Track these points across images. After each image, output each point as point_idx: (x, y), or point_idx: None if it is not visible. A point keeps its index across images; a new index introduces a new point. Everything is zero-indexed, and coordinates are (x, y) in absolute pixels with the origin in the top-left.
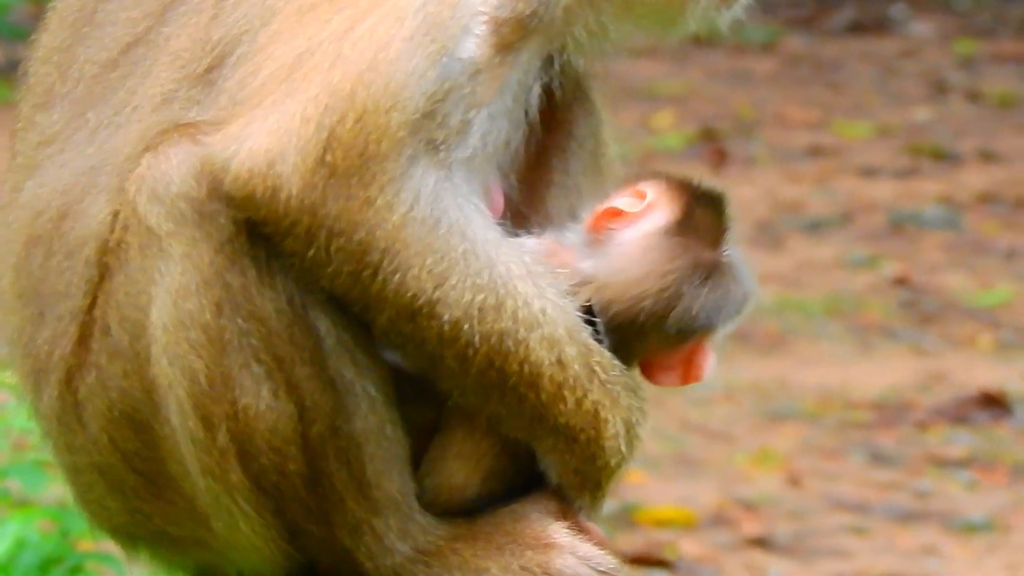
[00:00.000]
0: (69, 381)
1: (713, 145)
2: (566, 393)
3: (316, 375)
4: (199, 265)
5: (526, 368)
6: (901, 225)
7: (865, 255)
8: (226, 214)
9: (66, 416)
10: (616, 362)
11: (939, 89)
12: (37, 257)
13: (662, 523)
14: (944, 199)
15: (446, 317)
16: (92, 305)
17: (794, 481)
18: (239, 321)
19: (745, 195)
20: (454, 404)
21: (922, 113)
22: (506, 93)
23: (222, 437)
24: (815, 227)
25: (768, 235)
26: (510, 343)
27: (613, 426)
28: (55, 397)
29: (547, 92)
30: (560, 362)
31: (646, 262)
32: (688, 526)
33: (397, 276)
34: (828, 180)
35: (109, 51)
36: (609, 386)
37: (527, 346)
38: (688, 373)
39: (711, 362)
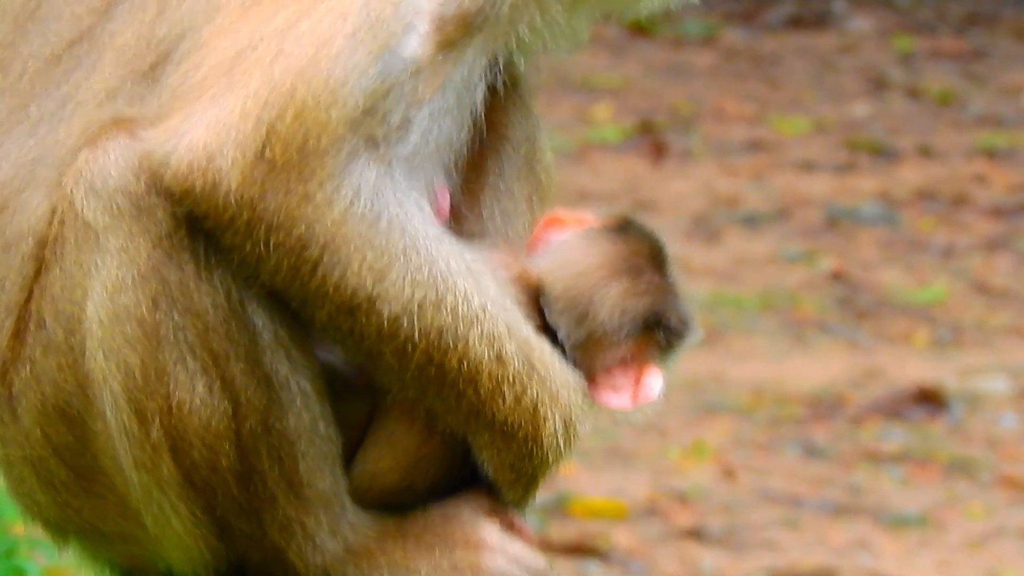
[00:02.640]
0: (3, 375)
1: (651, 138)
2: (505, 389)
3: (251, 371)
4: (136, 259)
5: (465, 364)
6: (837, 221)
7: (801, 250)
8: (164, 208)
9: None
10: (558, 357)
11: (878, 85)
12: None
13: (595, 514)
14: (881, 195)
15: (385, 313)
16: (28, 299)
17: (727, 474)
18: (175, 316)
19: (682, 189)
20: (391, 397)
21: (860, 109)
22: (449, 91)
23: (155, 432)
24: (751, 221)
25: (704, 229)
26: (449, 339)
27: (552, 423)
28: None
29: (490, 91)
30: (500, 358)
31: (585, 252)
32: (620, 517)
33: (336, 272)
34: (765, 175)
35: (53, 46)
36: (549, 383)
37: (466, 342)
38: (638, 392)
39: (660, 382)
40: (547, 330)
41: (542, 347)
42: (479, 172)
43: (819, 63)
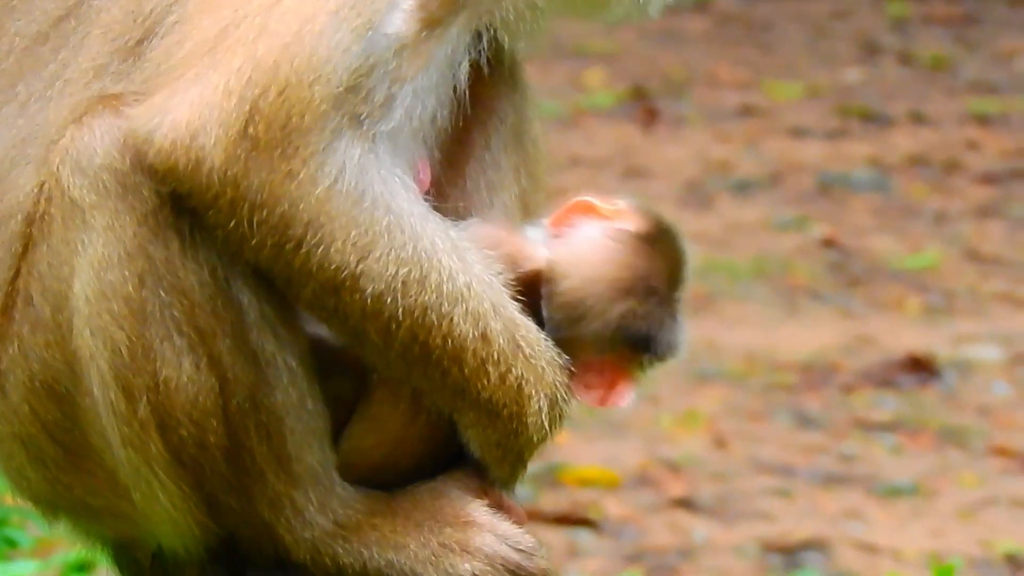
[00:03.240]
0: None
1: (643, 104)
2: (489, 368)
3: (237, 348)
4: (122, 237)
5: (449, 342)
6: (829, 187)
7: (793, 216)
8: (149, 187)
9: None
10: (543, 337)
11: (870, 51)
12: None
13: (586, 483)
14: (873, 161)
15: (369, 291)
16: (15, 276)
17: (719, 443)
18: (161, 293)
19: (674, 155)
20: (377, 375)
21: (853, 74)
22: (433, 69)
23: (143, 409)
24: (743, 188)
25: (696, 195)
26: (433, 317)
27: (536, 402)
28: None
29: (474, 67)
30: (484, 336)
31: (607, 258)
32: (612, 486)
33: (320, 249)
34: (757, 141)
35: (39, 24)
36: (534, 361)
37: (451, 320)
38: (608, 396)
39: (631, 393)
40: (533, 312)
41: (527, 326)
42: (464, 145)
43: (812, 29)
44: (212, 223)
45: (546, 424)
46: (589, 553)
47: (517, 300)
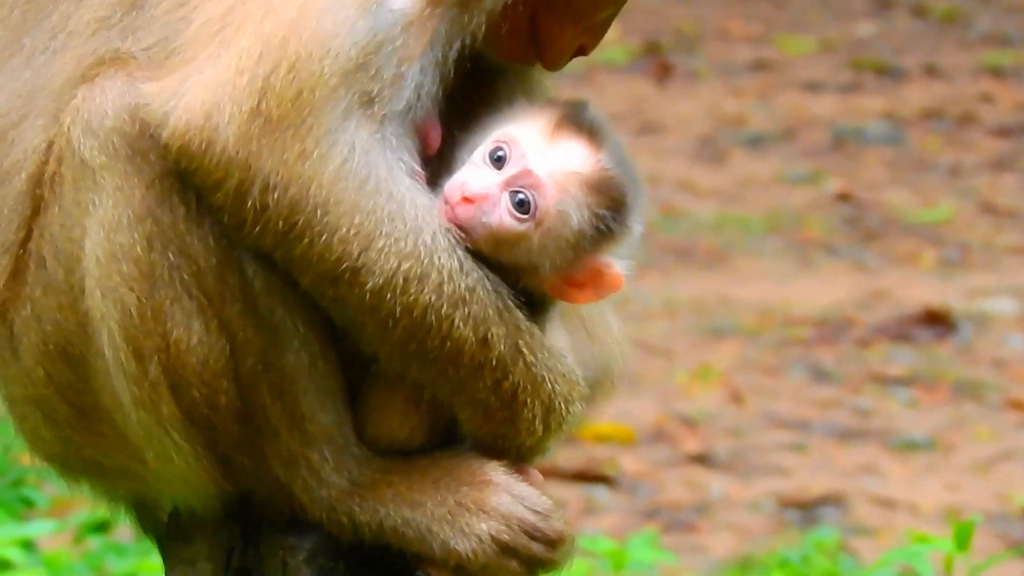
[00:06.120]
0: (3, 314)
1: (656, 59)
2: (486, 373)
3: (246, 312)
4: (130, 199)
5: (447, 344)
6: (843, 141)
7: (807, 171)
8: (157, 151)
9: (1, 348)
10: (549, 344)
11: (883, 4)
12: None
13: (602, 439)
14: (887, 115)
15: (369, 285)
16: (27, 238)
17: (734, 398)
18: (170, 256)
19: (687, 110)
20: (376, 366)
21: (866, 28)
22: (436, 46)
23: (153, 370)
24: (757, 142)
25: (710, 150)
26: (432, 318)
27: (530, 410)
28: None
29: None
30: (485, 342)
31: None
32: (628, 442)
33: (323, 238)
34: (770, 95)
35: None
36: (534, 369)
37: (451, 322)
38: (601, 285)
39: (621, 268)
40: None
41: (532, 332)
42: (471, 109)
43: None
44: (219, 205)
45: (539, 430)
46: (605, 509)
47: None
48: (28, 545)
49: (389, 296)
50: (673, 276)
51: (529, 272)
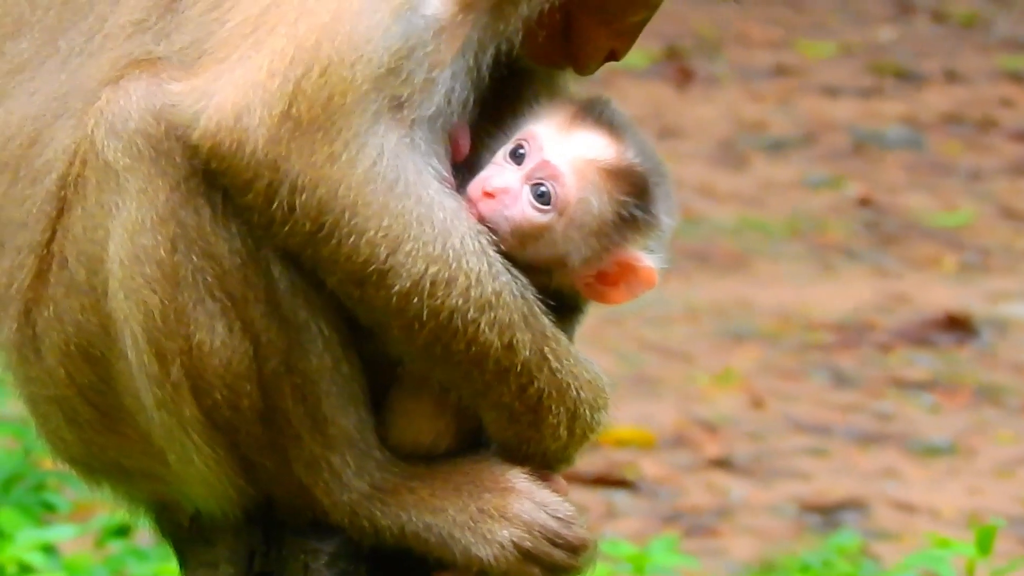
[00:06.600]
0: (27, 314)
1: (676, 64)
2: (511, 378)
3: (270, 314)
4: (154, 201)
5: (473, 348)
6: (863, 145)
7: (827, 175)
8: (182, 153)
9: (24, 348)
10: (575, 350)
11: (903, 8)
12: (2, 184)
13: (623, 443)
14: (907, 119)
15: (395, 288)
16: (51, 239)
17: (755, 402)
18: (193, 258)
19: (707, 114)
20: (401, 368)
21: (886, 32)
22: (468, 52)
23: (176, 371)
24: (777, 147)
25: (730, 154)
26: (459, 322)
27: (555, 416)
28: (14, 329)
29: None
30: (511, 347)
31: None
32: (648, 447)
33: (352, 239)
34: (791, 99)
35: None
36: (560, 376)
37: (477, 327)
38: (633, 281)
39: (652, 264)
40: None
41: (558, 339)
42: (497, 114)
43: None
44: (248, 205)
45: (563, 436)
46: (626, 513)
47: (547, 305)
48: (49, 549)
49: (416, 299)
50: (693, 280)
51: (558, 268)
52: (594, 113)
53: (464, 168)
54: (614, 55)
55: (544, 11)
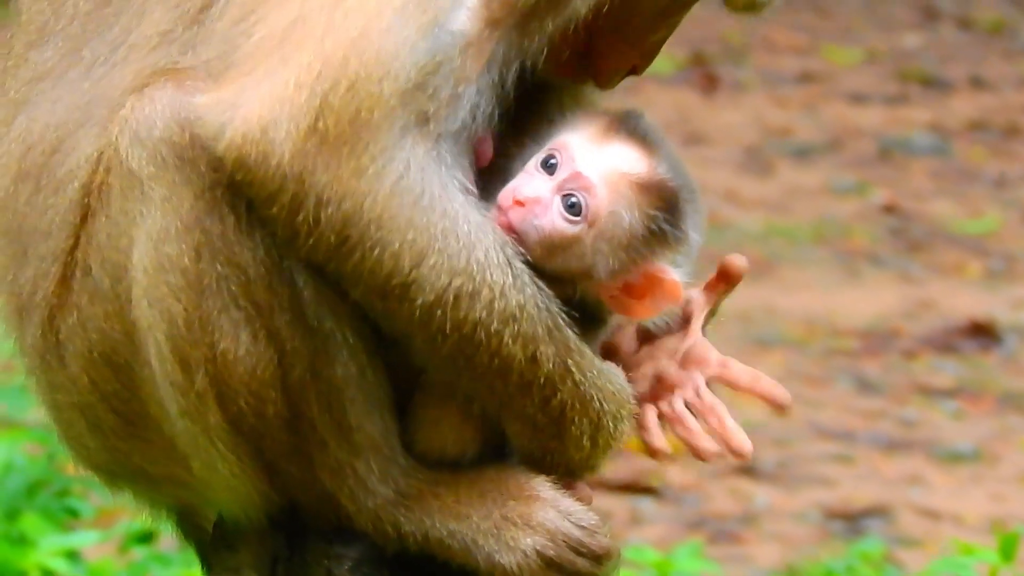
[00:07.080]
0: (51, 321)
1: (702, 70)
2: (534, 390)
3: (295, 322)
4: (179, 210)
5: (496, 361)
6: (889, 152)
7: (853, 182)
8: (207, 162)
9: (48, 355)
10: (599, 362)
11: (930, 15)
12: (24, 193)
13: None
14: (933, 126)
15: (419, 301)
16: (74, 246)
17: (779, 408)
18: (218, 267)
19: (733, 120)
20: (425, 377)
21: (912, 39)
22: (493, 68)
23: (200, 379)
24: (803, 153)
25: (756, 161)
26: (482, 334)
27: (578, 427)
28: (38, 336)
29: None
30: (534, 360)
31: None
32: (673, 453)
33: (376, 252)
34: (817, 106)
35: None
36: (583, 388)
37: (500, 340)
38: (658, 294)
39: (678, 276)
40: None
41: (582, 352)
42: (522, 123)
43: None
44: (272, 218)
45: (587, 447)
46: (651, 520)
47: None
48: (73, 555)
49: (439, 312)
50: None
51: (584, 279)
52: (627, 126)
53: (487, 177)
54: (635, 70)
55: (568, 29)
